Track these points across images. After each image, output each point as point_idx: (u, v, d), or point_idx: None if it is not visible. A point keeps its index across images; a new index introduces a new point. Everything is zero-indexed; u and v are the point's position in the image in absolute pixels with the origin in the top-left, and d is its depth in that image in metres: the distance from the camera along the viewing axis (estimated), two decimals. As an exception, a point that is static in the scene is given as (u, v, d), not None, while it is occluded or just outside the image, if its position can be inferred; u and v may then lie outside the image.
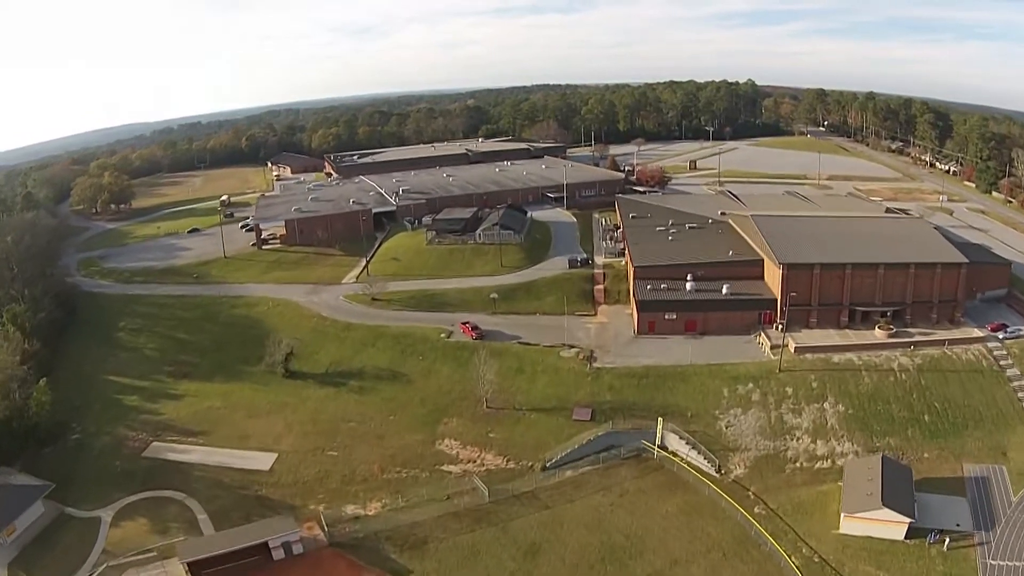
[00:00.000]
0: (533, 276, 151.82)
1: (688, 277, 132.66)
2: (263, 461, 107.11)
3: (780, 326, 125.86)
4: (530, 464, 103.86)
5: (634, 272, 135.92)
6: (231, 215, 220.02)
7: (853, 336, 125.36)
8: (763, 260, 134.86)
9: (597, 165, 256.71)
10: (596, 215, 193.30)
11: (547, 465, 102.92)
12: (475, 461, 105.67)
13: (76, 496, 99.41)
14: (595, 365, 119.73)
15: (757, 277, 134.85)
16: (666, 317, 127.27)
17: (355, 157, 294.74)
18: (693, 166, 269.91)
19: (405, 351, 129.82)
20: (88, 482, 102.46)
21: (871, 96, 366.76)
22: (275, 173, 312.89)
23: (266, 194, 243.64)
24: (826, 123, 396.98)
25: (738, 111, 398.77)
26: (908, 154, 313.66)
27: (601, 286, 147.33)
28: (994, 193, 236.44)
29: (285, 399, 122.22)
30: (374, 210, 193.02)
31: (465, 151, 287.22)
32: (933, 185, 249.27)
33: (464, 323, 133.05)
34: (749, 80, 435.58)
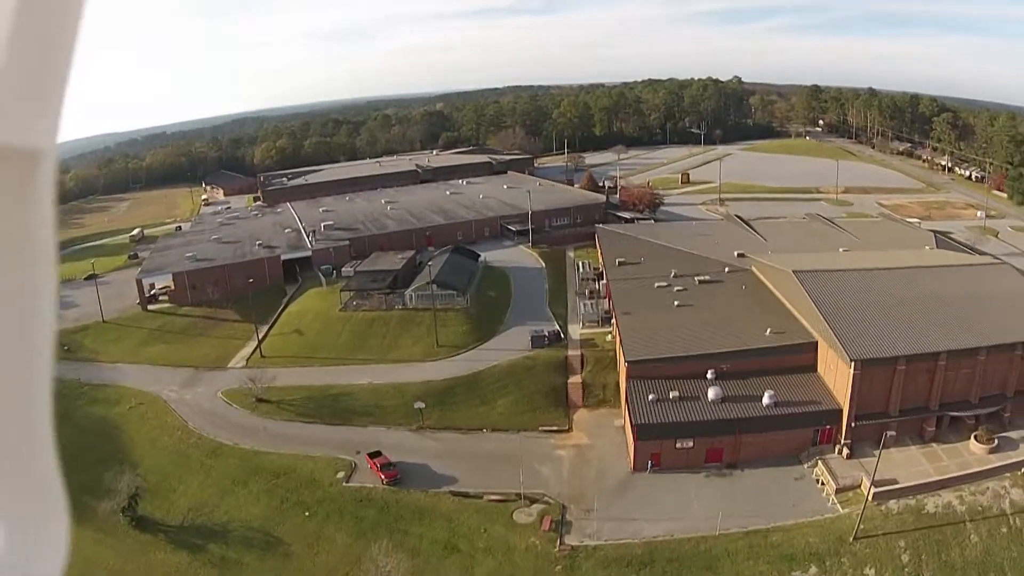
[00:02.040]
0: (480, 363, 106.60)
1: (709, 375, 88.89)
2: None
3: (845, 448, 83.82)
4: None
5: (627, 369, 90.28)
6: (135, 256, 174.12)
7: (944, 456, 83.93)
8: (816, 342, 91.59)
9: (572, 182, 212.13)
10: (571, 254, 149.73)
11: None
12: None
13: None
14: (568, 540, 75.21)
15: (808, 368, 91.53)
16: (677, 445, 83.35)
17: (285, 179, 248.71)
18: (686, 179, 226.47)
19: (286, 501, 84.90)
20: None
21: (873, 92, 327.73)
22: (204, 197, 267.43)
23: (180, 227, 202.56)
24: (821, 122, 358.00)
25: (727, 111, 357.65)
26: (919, 157, 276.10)
27: (578, 378, 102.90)
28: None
29: (125, 564, 78.60)
30: (283, 256, 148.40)
31: (415, 167, 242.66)
32: (962, 196, 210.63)
33: (373, 455, 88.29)
34: (735, 77, 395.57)
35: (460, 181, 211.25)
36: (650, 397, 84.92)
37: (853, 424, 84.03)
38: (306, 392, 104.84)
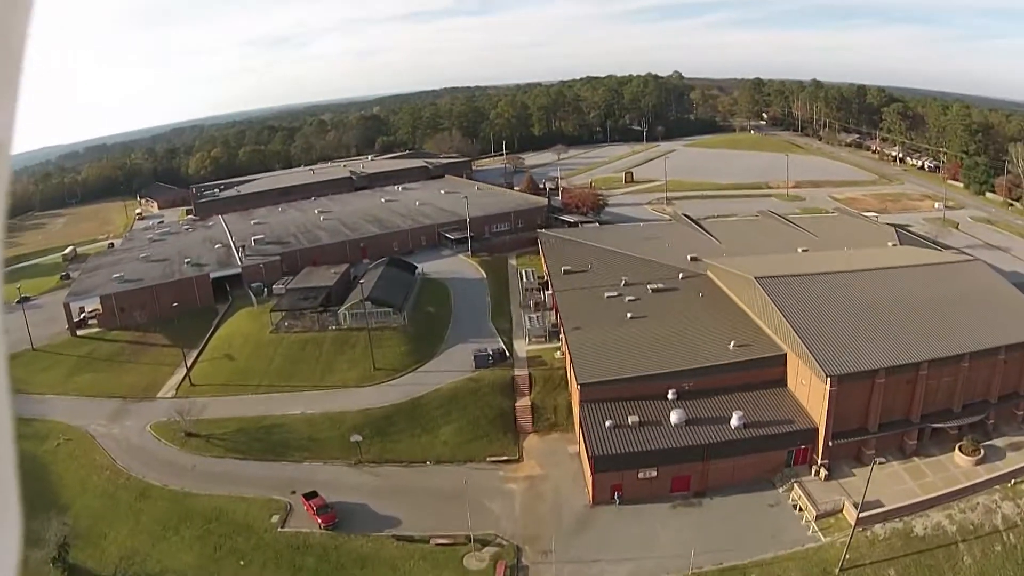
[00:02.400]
0: (421, 387, 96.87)
1: (670, 395, 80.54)
2: None
3: (822, 469, 76.46)
4: None
5: (580, 393, 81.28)
6: (67, 276, 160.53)
7: (929, 471, 77.41)
8: (785, 355, 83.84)
9: (511, 186, 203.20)
10: (513, 262, 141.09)
11: None
12: None
13: None
14: (527, 589, 66.44)
15: (777, 382, 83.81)
16: (640, 475, 74.78)
17: (216, 190, 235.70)
18: (630, 178, 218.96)
19: (219, 548, 74.64)
20: None
21: (818, 84, 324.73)
22: (137, 211, 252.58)
23: (112, 244, 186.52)
24: (764, 116, 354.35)
25: (668, 107, 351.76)
26: (868, 148, 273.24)
27: (527, 400, 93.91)
28: (988, 195, 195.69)
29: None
30: (213, 274, 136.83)
31: (349, 173, 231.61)
32: (917, 187, 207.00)
33: (309, 496, 78.37)
34: (676, 72, 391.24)
35: (396, 187, 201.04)
36: (607, 424, 76.22)
37: (830, 443, 76.65)
38: (237, 424, 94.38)
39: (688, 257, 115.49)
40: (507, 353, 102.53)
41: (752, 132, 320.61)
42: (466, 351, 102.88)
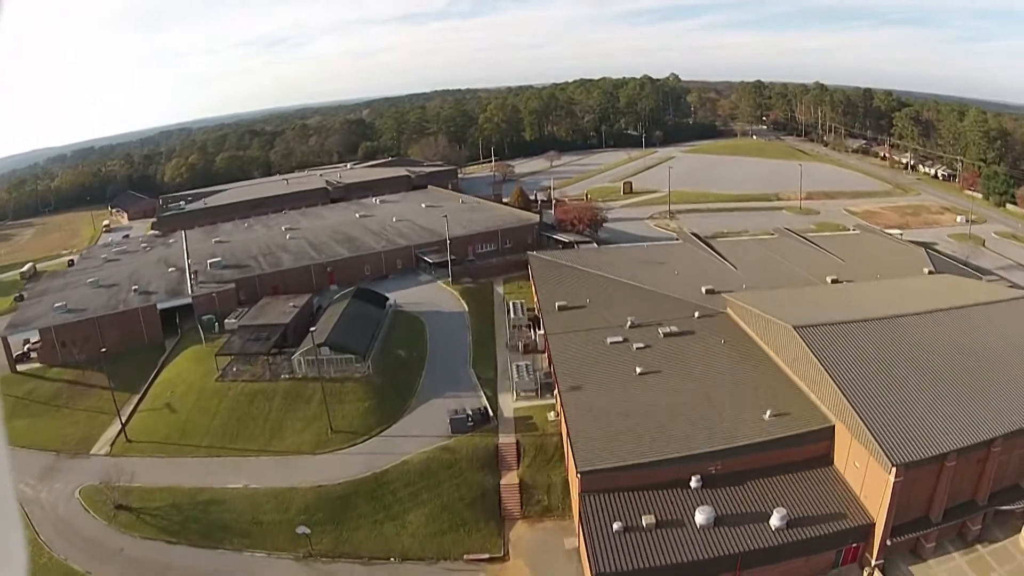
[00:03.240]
0: (386, 457, 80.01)
1: (693, 482, 64.48)
2: None
3: (877, 571, 61.23)
4: None
5: (580, 482, 64.36)
6: (21, 297, 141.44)
7: (994, 562, 62.52)
8: (833, 427, 67.88)
9: (499, 197, 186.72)
10: (500, 289, 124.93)
11: None
12: None
13: None
14: None
15: (822, 460, 67.77)
16: (659, 594, 58.66)
17: (183, 202, 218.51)
18: (628, 189, 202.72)
19: None
20: None
21: (822, 87, 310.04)
22: (105, 223, 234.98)
23: (72, 262, 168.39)
24: (764, 119, 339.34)
25: (667, 110, 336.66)
26: (876, 154, 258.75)
27: (514, 476, 77.52)
28: (1009, 206, 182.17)
29: None
30: (161, 305, 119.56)
31: (325, 184, 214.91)
32: (934, 198, 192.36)
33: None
34: (672, 74, 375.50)
35: (373, 199, 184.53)
36: (615, 526, 59.80)
37: (889, 541, 60.89)
38: (171, 497, 77.99)
39: (703, 289, 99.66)
40: (490, 413, 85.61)
41: (754, 137, 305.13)
42: (441, 409, 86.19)
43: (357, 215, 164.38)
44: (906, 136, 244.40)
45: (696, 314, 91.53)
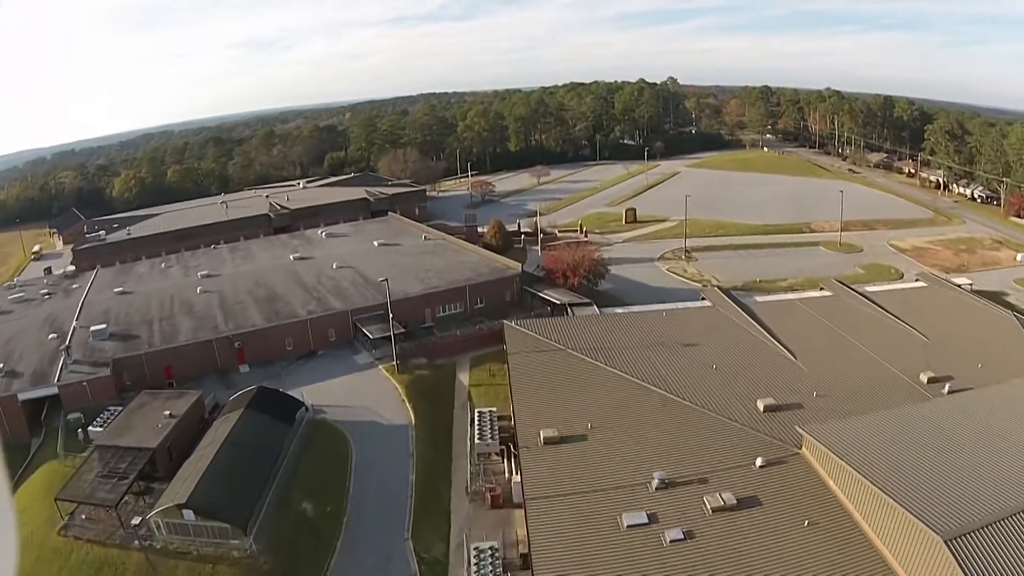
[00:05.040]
0: None
1: None
2: None
3: None
4: None
5: None
6: None
7: None
8: None
9: (473, 229, 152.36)
10: (464, 379, 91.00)
11: None
12: None
13: None
14: None
15: None
16: None
17: (103, 232, 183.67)
18: (632, 217, 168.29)
19: None
20: None
21: (838, 94, 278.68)
22: (35, 247, 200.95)
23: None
24: (773, 127, 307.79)
25: (666, 117, 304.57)
26: (900, 170, 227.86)
27: None
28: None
29: None
30: (23, 395, 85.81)
31: (268, 209, 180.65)
32: (980, 227, 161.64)
33: None
34: (670, 78, 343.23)
35: (319, 232, 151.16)
36: None
37: None
38: None
39: (760, 405, 66.89)
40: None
41: (765, 150, 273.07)
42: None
43: (292, 256, 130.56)
44: (939, 151, 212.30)
45: (758, 462, 58.22)
